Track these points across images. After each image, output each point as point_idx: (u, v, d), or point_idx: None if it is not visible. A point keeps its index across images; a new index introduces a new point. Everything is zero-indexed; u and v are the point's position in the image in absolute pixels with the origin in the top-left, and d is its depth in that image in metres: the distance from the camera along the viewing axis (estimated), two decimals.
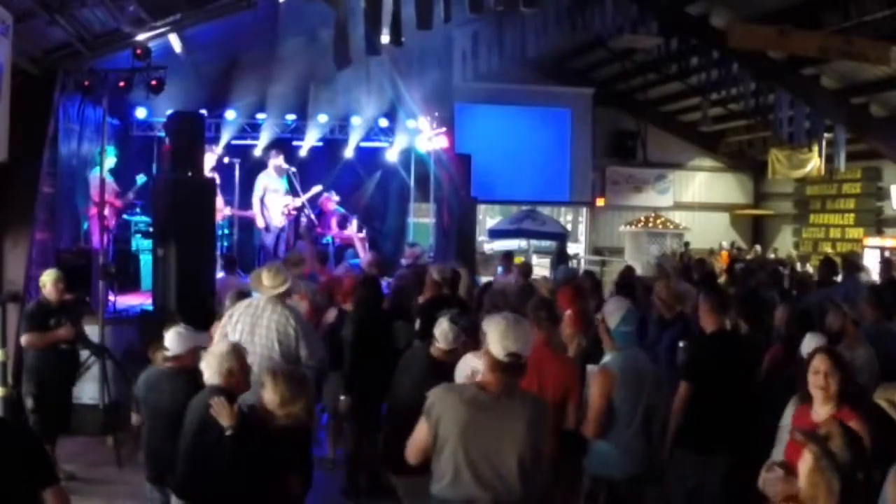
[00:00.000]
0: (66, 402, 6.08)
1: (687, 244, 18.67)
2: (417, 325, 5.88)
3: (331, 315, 6.36)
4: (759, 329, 5.45)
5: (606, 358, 4.09)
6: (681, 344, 5.03)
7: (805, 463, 2.30)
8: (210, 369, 3.73)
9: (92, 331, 7.25)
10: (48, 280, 5.93)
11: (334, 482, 5.91)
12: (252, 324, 4.93)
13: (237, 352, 3.85)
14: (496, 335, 3.04)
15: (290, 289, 5.24)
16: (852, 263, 9.03)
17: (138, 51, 7.64)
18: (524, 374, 3.14)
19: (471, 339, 4.51)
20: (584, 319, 4.93)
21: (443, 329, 4.24)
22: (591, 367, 4.36)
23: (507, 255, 10.35)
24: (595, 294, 6.76)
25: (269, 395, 3.60)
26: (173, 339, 4.31)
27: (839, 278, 8.53)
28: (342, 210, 12.23)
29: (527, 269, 9.05)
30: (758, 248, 19.11)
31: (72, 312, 6.02)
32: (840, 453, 2.23)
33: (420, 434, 3.14)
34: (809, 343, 4.36)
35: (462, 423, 3.01)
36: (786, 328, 5.13)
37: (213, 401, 3.53)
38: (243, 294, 5.53)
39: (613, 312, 4.07)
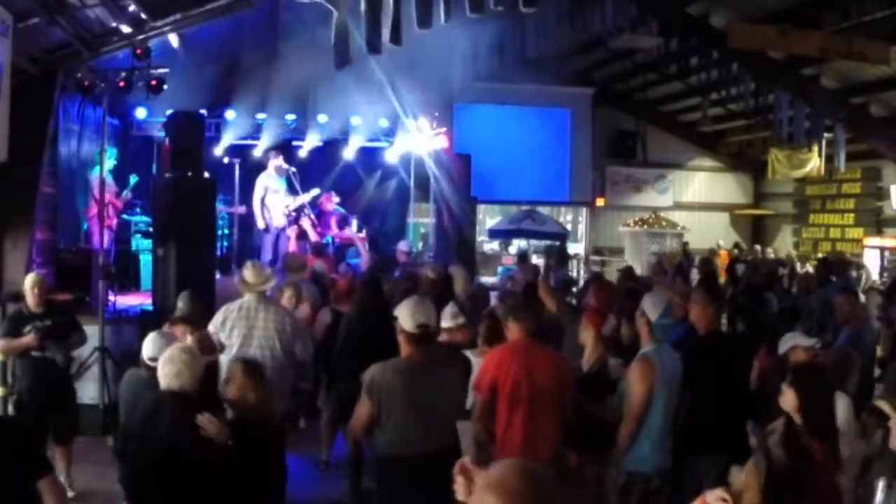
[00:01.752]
0: (47, 408, 5.60)
1: (686, 244, 18.64)
2: None
3: (325, 317, 6.34)
4: (756, 329, 5.46)
5: (646, 348, 4.13)
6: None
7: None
8: (165, 376, 3.52)
9: (92, 331, 7.25)
10: (26, 286, 5.75)
11: (330, 484, 5.91)
12: (249, 326, 4.96)
13: (187, 352, 3.62)
14: (406, 313, 3.65)
15: (276, 284, 5.25)
16: (843, 263, 9.08)
17: (138, 51, 7.65)
18: (434, 342, 3.79)
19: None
20: (603, 316, 4.93)
21: (444, 310, 4.52)
22: (614, 361, 4.43)
23: (522, 258, 10.29)
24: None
25: (242, 384, 3.52)
26: (150, 344, 4.17)
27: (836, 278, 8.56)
28: (342, 210, 12.23)
29: (534, 270, 9.01)
30: (758, 248, 19.10)
31: (54, 317, 5.69)
32: (775, 451, 2.23)
33: (364, 410, 3.65)
34: (787, 342, 4.39)
35: (401, 391, 3.57)
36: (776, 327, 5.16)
37: (200, 420, 3.33)
38: (194, 297, 5.44)
39: (655, 305, 4.15)
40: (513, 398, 3.96)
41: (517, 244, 17.46)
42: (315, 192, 11.67)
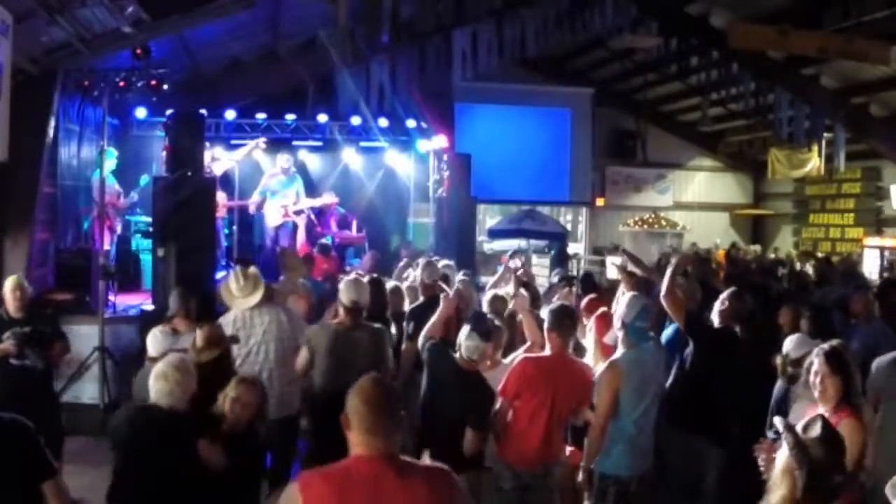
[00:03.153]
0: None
1: (694, 245, 18.49)
2: (410, 328, 5.81)
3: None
4: (755, 328, 5.45)
5: (617, 354, 4.13)
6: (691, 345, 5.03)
7: (780, 452, 2.26)
8: (156, 391, 3.41)
9: (92, 331, 7.26)
10: (6, 288, 5.32)
11: None
12: (246, 337, 4.86)
13: (181, 369, 3.49)
14: (344, 290, 4.71)
15: (266, 293, 5.05)
16: (849, 263, 9.06)
17: (138, 51, 7.64)
18: (363, 315, 4.73)
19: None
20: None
21: (471, 344, 4.15)
22: (611, 259, 4.36)
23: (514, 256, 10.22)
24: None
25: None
26: (150, 341, 4.17)
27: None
28: (342, 210, 12.24)
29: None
30: (758, 247, 19.09)
31: (35, 324, 5.30)
32: (813, 448, 2.19)
33: (303, 359, 4.77)
34: (791, 344, 4.37)
35: (328, 344, 4.63)
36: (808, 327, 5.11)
37: (201, 446, 3.32)
38: (187, 296, 5.38)
39: (630, 308, 4.11)
40: (535, 410, 4.05)
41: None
42: (329, 197, 11.66)
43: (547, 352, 4.21)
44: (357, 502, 2.22)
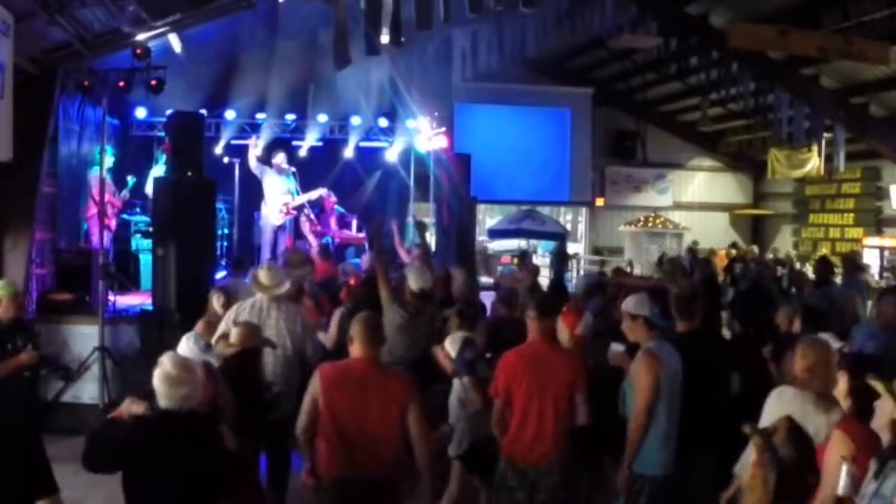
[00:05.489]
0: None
1: (696, 243, 18.39)
2: None
3: (337, 315, 6.32)
4: (755, 328, 5.43)
5: (650, 343, 4.00)
6: None
7: (750, 455, 2.27)
8: (169, 397, 3.07)
9: (92, 331, 7.26)
10: (4, 294, 4.83)
11: None
12: (259, 325, 4.93)
13: (188, 369, 3.19)
14: (411, 277, 5.32)
15: (289, 287, 5.25)
16: (853, 263, 9.04)
17: (138, 51, 7.65)
18: (430, 300, 5.40)
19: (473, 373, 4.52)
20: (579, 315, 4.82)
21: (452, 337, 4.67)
22: (615, 346, 4.42)
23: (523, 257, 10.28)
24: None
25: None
26: (182, 346, 4.16)
27: (837, 278, 8.53)
28: (342, 210, 12.24)
29: (535, 270, 8.95)
30: (755, 247, 19.07)
31: (29, 332, 5.03)
32: (783, 449, 2.19)
33: (332, 334, 5.71)
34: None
35: (396, 324, 5.17)
36: (794, 326, 5.06)
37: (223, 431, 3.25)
38: (228, 293, 5.46)
39: (641, 302, 4.10)
40: (526, 402, 4.05)
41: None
42: (322, 191, 11.68)
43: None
44: (350, 384, 3.40)
